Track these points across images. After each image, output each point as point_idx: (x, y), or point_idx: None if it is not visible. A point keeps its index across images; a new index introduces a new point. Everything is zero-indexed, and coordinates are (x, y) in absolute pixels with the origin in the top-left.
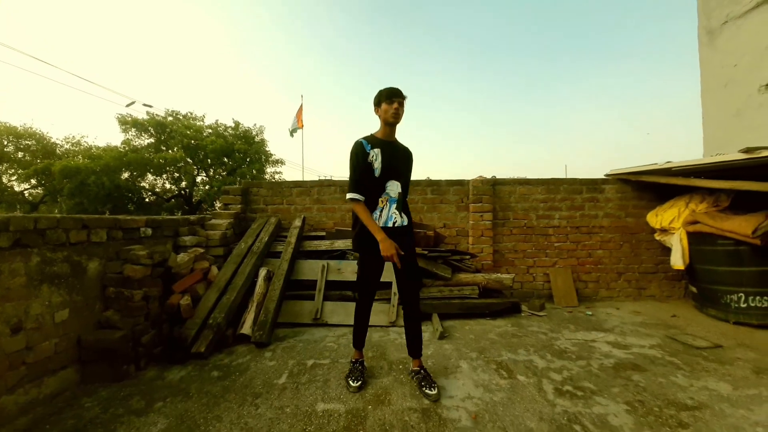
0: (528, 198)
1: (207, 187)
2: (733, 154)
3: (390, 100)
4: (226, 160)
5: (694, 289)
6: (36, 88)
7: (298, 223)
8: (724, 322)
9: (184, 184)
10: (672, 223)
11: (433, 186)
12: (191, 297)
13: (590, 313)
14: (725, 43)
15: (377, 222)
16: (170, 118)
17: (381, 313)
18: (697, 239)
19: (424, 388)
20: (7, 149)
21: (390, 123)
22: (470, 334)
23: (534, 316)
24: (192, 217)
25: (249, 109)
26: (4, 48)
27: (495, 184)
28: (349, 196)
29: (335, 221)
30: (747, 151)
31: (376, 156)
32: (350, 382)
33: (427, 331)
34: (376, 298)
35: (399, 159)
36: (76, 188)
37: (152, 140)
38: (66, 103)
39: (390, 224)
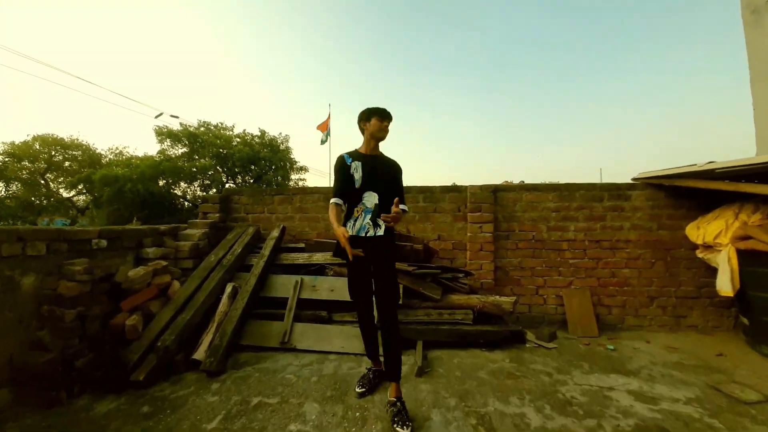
0: (537, 206)
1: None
2: None
3: (382, 118)
4: (252, 167)
5: (745, 321)
6: (81, 105)
7: (275, 233)
8: None
9: (213, 191)
10: (718, 238)
11: (426, 193)
12: (144, 316)
13: (612, 347)
14: None
15: (350, 230)
16: (202, 129)
17: (354, 337)
18: (749, 259)
19: (396, 425)
20: (56, 159)
21: (378, 138)
22: (457, 369)
23: (540, 349)
24: (162, 227)
25: (280, 118)
26: (53, 69)
27: (496, 190)
28: (331, 200)
29: (318, 231)
30: None
31: (356, 168)
32: (356, 389)
33: (407, 363)
34: (347, 320)
35: (380, 172)
36: (114, 195)
37: (185, 150)
38: (107, 117)
39: (362, 234)
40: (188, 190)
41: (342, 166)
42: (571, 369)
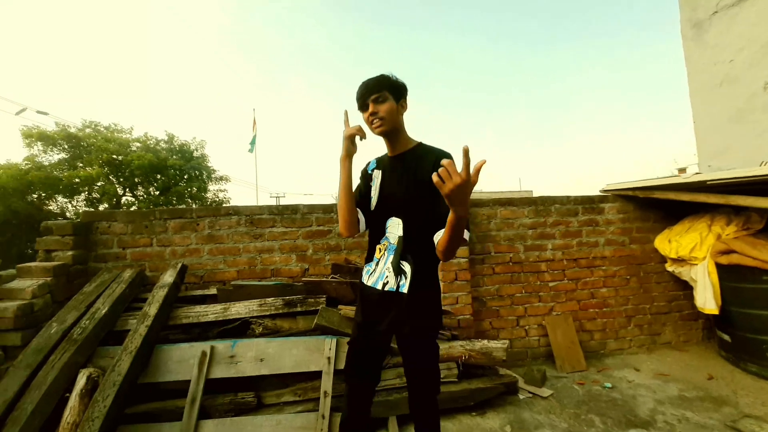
0: (513, 223)
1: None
2: None
3: (362, 108)
4: (158, 177)
5: (726, 337)
6: None
7: (169, 277)
8: None
9: (106, 206)
10: (693, 251)
11: None
12: None
13: (609, 385)
14: (717, 37)
15: (366, 279)
16: (88, 130)
17: (301, 430)
18: (731, 274)
19: None
20: None
21: (378, 134)
22: None
23: (536, 399)
24: None
25: (197, 126)
26: None
27: (470, 205)
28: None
29: (239, 269)
30: None
31: (375, 180)
32: None
33: None
34: (287, 400)
35: (404, 182)
36: None
37: (64, 155)
38: None
39: (378, 286)
40: (69, 205)
41: (362, 175)
42: (584, 427)
